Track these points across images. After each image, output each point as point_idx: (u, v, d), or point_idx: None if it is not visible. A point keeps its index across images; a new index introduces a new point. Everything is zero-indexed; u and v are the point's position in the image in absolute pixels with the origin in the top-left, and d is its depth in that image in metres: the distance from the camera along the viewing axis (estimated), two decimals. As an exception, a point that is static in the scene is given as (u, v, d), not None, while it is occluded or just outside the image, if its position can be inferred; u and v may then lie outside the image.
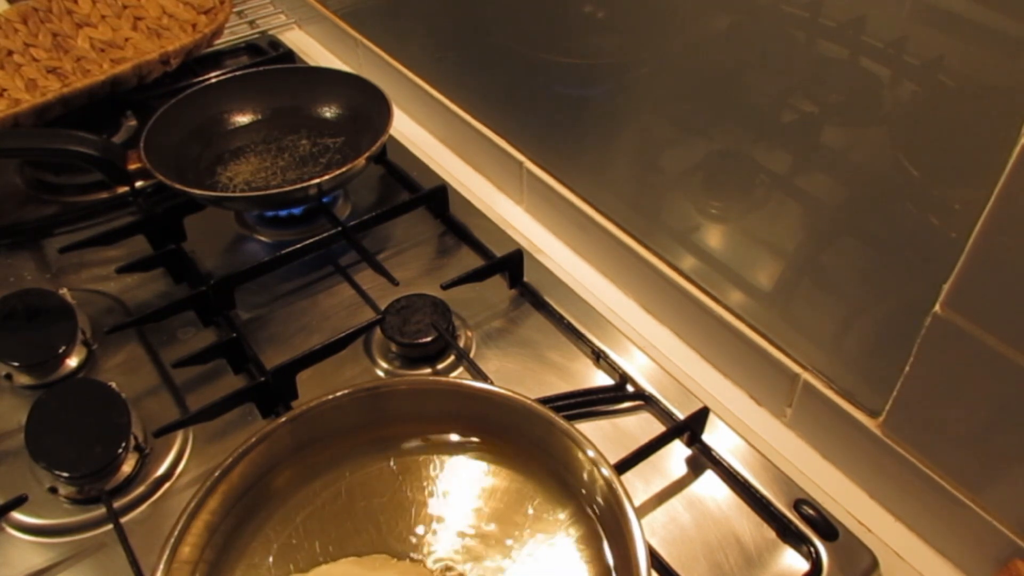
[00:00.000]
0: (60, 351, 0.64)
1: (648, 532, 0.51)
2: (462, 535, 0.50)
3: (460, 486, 0.52)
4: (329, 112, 0.85)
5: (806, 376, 0.59)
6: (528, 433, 0.52)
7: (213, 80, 0.83)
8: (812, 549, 0.53)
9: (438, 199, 0.78)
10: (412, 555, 0.49)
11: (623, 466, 0.54)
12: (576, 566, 0.48)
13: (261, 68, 0.87)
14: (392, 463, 0.53)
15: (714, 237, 0.63)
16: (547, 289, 0.71)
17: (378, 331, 0.65)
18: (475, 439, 0.54)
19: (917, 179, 0.46)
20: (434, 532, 0.50)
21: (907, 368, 0.51)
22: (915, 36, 0.43)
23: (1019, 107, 0.40)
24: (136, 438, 0.57)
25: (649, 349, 0.68)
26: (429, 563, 0.48)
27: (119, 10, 0.98)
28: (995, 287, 0.44)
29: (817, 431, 0.61)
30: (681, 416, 0.59)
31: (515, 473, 0.52)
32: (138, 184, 0.78)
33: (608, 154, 0.70)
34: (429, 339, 0.64)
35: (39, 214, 0.81)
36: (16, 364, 0.63)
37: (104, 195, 0.83)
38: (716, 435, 0.59)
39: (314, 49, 1.10)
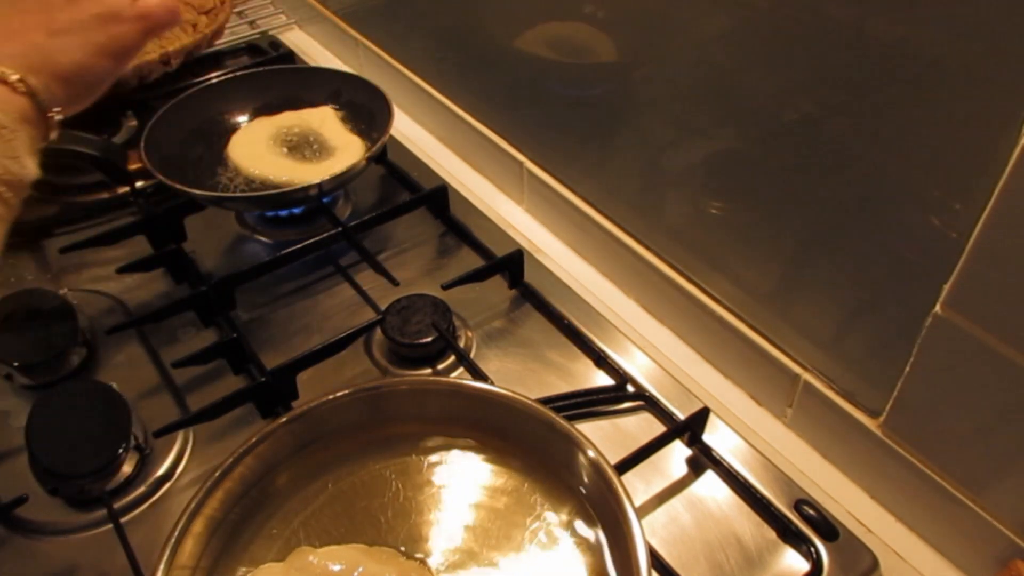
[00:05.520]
0: (60, 351, 0.64)
1: (648, 532, 0.51)
2: (462, 535, 0.50)
3: (460, 486, 0.52)
4: (329, 112, 0.85)
5: (806, 376, 0.59)
6: (528, 433, 0.52)
7: (214, 80, 0.83)
8: (812, 549, 0.53)
9: (438, 199, 0.78)
10: (412, 555, 0.49)
11: (623, 466, 0.54)
12: (576, 566, 0.48)
13: (262, 68, 0.87)
14: (392, 463, 0.53)
15: (714, 237, 0.63)
16: (547, 289, 0.71)
17: (378, 331, 0.65)
18: (475, 439, 0.54)
19: (917, 179, 0.46)
20: (434, 532, 0.50)
21: (907, 368, 0.51)
22: (915, 36, 0.43)
23: (1019, 107, 0.40)
24: (136, 438, 0.57)
25: (649, 349, 0.68)
26: (429, 563, 0.48)
27: (119, 10, 0.98)
28: (995, 287, 0.44)
29: (817, 431, 0.61)
30: (681, 416, 0.59)
31: (515, 473, 0.52)
32: (138, 184, 0.79)
33: (609, 154, 0.70)
34: (429, 339, 0.64)
35: (39, 214, 0.81)
36: (16, 364, 0.63)
37: (105, 195, 0.82)
38: (716, 435, 0.59)
39: (314, 49, 1.10)
